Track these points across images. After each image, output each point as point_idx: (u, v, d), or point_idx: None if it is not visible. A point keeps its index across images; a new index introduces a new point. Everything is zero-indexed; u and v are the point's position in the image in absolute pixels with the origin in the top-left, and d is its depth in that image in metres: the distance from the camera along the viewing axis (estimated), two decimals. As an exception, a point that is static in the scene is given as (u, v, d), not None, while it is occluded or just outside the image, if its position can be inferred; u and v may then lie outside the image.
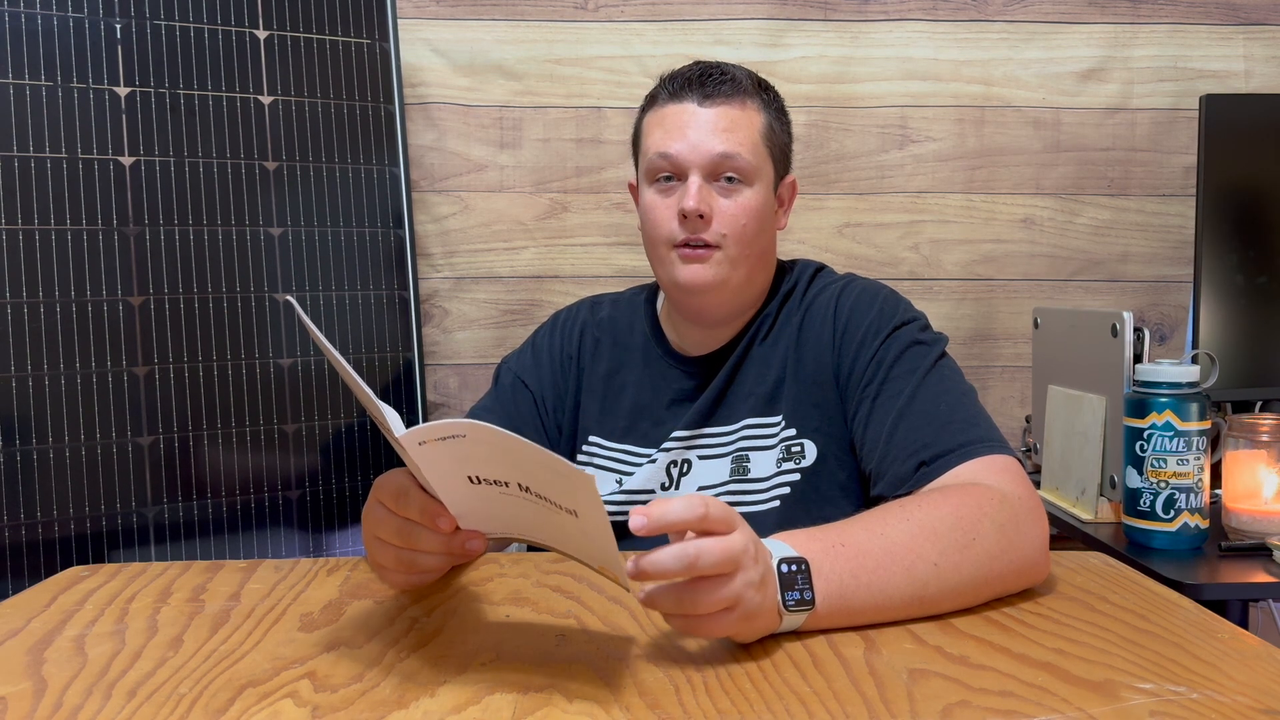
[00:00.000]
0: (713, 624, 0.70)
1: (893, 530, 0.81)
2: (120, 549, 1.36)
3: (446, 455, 0.69)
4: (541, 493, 0.69)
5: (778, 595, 0.72)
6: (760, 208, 1.09)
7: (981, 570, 0.81)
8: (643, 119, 1.14)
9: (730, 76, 1.09)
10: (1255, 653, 0.72)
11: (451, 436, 0.67)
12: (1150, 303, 1.87)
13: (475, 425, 0.66)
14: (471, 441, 0.67)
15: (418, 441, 0.68)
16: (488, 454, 0.68)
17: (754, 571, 0.70)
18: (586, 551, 0.74)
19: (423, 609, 0.85)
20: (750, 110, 1.09)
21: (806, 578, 0.74)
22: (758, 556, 0.71)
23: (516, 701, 0.65)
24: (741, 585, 0.69)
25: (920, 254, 1.85)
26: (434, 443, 0.68)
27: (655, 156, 1.09)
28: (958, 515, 0.83)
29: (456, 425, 0.67)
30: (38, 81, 1.34)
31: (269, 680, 0.69)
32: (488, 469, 0.70)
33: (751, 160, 1.08)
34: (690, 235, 1.07)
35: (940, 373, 1.03)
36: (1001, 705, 0.63)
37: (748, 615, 0.70)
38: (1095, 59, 1.83)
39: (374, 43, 1.56)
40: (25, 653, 0.75)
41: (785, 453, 1.09)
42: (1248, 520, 1.26)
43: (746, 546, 0.69)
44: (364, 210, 1.55)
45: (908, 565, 0.78)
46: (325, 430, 1.50)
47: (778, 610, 0.73)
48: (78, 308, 1.35)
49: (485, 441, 0.67)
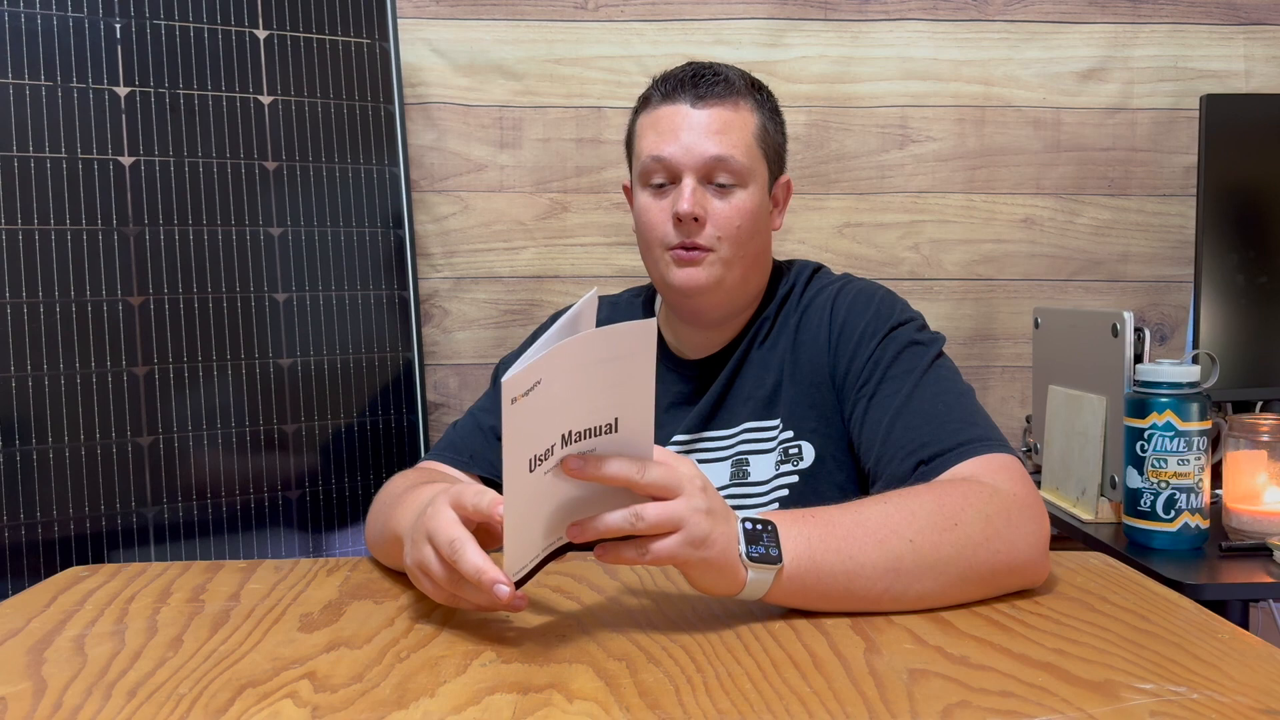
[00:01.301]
0: (660, 545, 0.73)
1: (867, 509, 0.83)
2: (120, 549, 1.36)
3: (524, 421, 0.68)
4: (585, 425, 0.71)
5: (739, 549, 0.75)
6: (755, 209, 1.09)
7: (963, 554, 0.82)
8: (635, 121, 1.14)
9: (723, 77, 1.09)
10: (1255, 653, 0.72)
11: (533, 386, 0.67)
12: (1150, 303, 1.87)
13: (546, 361, 0.67)
14: (546, 385, 0.68)
15: (510, 399, 0.67)
16: (555, 394, 0.68)
17: (700, 499, 0.74)
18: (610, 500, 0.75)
19: (423, 609, 0.85)
20: (744, 111, 1.09)
21: (773, 537, 0.77)
22: (706, 487, 0.75)
23: (516, 701, 0.65)
24: (686, 508, 0.73)
25: (920, 254, 1.85)
26: (521, 399, 0.67)
27: (648, 160, 1.08)
28: (940, 501, 0.84)
29: (534, 369, 0.67)
30: (38, 81, 1.34)
31: (269, 680, 0.69)
32: (543, 430, 0.70)
33: (745, 162, 1.07)
34: (685, 238, 1.06)
35: (938, 372, 1.03)
36: (1001, 705, 0.63)
37: (694, 542, 0.73)
38: (1095, 59, 1.83)
39: (374, 43, 1.56)
40: (25, 653, 0.75)
41: (783, 455, 1.09)
42: (1248, 520, 1.26)
43: (693, 477, 0.74)
44: (364, 210, 1.55)
45: (880, 538, 0.80)
46: (325, 430, 1.50)
47: (742, 564, 0.75)
48: (78, 308, 1.35)
49: (557, 372, 0.68)
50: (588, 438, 0.72)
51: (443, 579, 0.76)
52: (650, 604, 0.85)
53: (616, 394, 0.72)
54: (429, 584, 0.79)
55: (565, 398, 0.70)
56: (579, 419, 0.71)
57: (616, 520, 0.73)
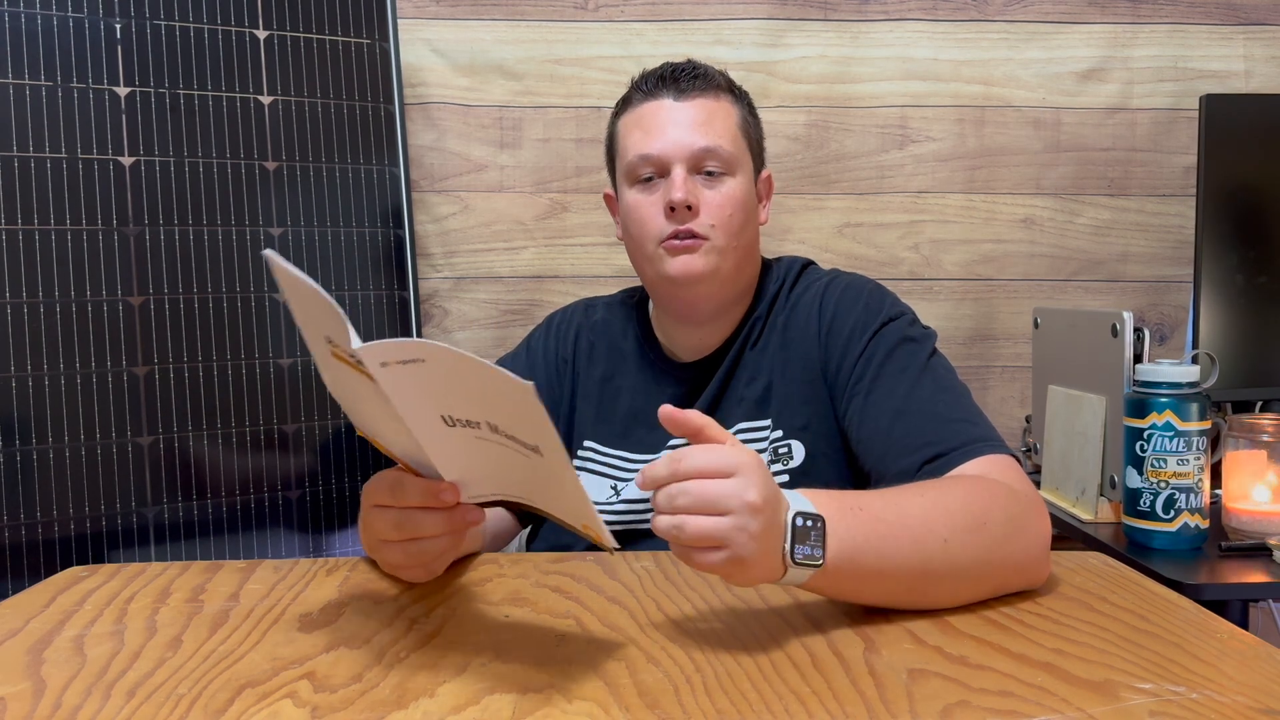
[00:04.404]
0: (702, 558, 0.70)
1: (908, 503, 0.81)
2: (120, 549, 1.36)
3: (412, 386, 0.67)
4: (510, 431, 0.68)
5: (784, 546, 0.72)
6: (744, 198, 1.10)
7: (986, 555, 0.81)
8: (616, 124, 1.14)
9: (703, 71, 1.11)
10: (1255, 653, 0.72)
11: (412, 360, 0.66)
12: (1150, 303, 1.87)
13: (429, 345, 0.64)
14: (430, 367, 0.66)
15: (379, 362, 0.66)
16: (451, 383, 0.67)
17: (751, 520, 0.69)
18: (563, 506, 0.73)
19: (422, 609, 0.85)
20: (725, 102, 1.11)
21: (821, 535, 0.73)
22: (761, 508, 0.70)
23: (516, 701, 0.65)
24: (732, 528, 0.69)
25: (920, 254, 1.85)
26: (395, 365, 0.66)
27: (636, 159, 1.09)
28: (970, 498, 0.83)
29: (415, 346, 0.65)
30: (38, 81, 1.34)
31: (268, 680, 0.69)
32: (458, 404, 0.68)
33: (732, 150, 1.08)
34: (679, 227, 1.07)
35: (934, 370, 1.03)
36: (1001, 705, 0.63)
37: (739, 560, 0.70)
38: (1095, 59, 1.83)
39: (374, 43, 1.56)
40: (24, 653, 0.75)
41: (774, 455, 1.09)
42: (1248, 520, 1.26)
43: (738, 494, 0.69)
44: (364, 210, 1.55)
45: (918, 537, 0.78)
46: (325, 430, 1.50)
47: (783, 561, 0.72)
48: (78, 308, 1.35)
49: (441, 363, 0.65)
50: (515, 442, 0.69)
51: (394, 528, 0.81)
52: (650, 604, 0.85)
53: (524, 428, 0.68)
54: (392, 552, 0.84)
55: (458, 389, 0.68)
56: (489, 412, 0.68)
57: (660, 525, 0.70)
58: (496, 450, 0.71)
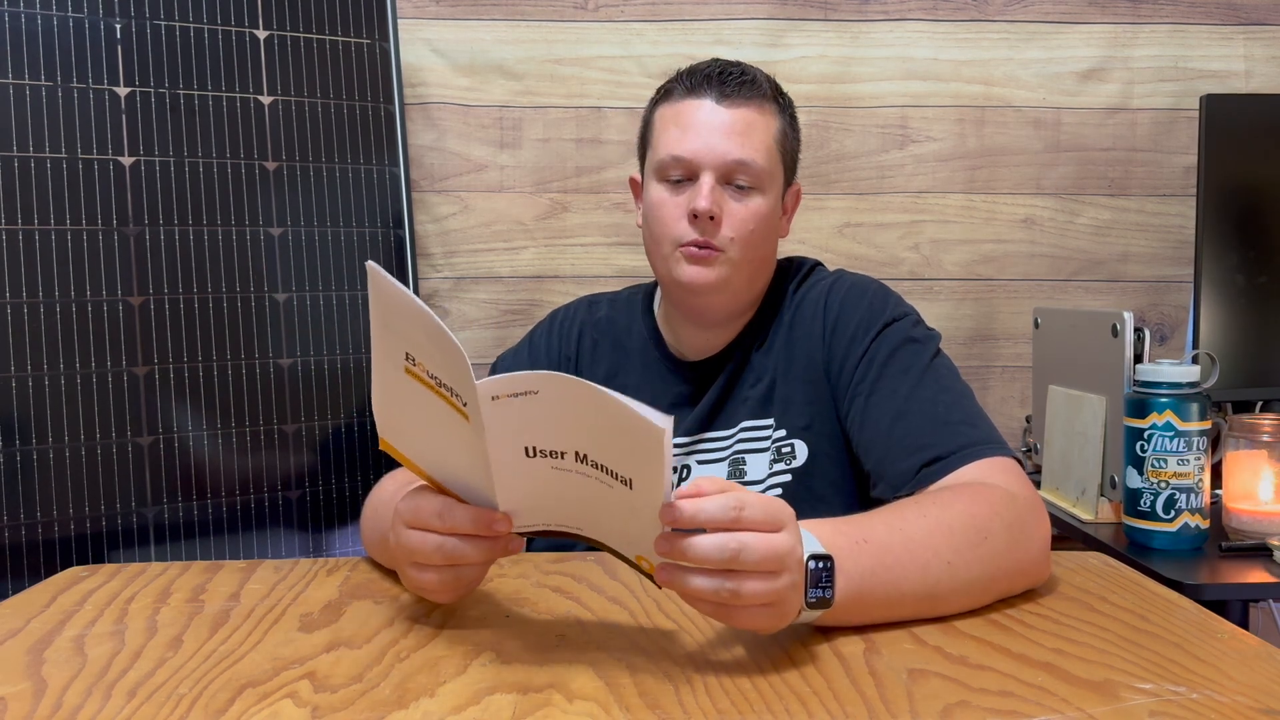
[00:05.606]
0: (748, 616, 0.68)
1: (911, 526, 0.80)
2: (120, 549, 1.36)
3: (515, 416, 0.66)
4: (600, 460, 0.67)
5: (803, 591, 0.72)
6: (768, 215, 1.08)
7: (989, 568, 0.81)
8: (654, 112, 1.12)
9: (751, 78, 1.08)
10: (1255, 653, 0.72)
11: (525, 393, 0.64)
12: (1150, 303, 1.87)
13: (550, 377, 0.63)
14: (544, 399, 0.64)
15: (490, 396, 0.64)
16: (557, 413, 0.65)
17: (798, 575, 0.69)
18: (626, 536, 0.72)
19: (423, 609, 0.85)
20: (768, 114, 1.08)
21: (830, 575, 0.72)
22: (803, 561, 0.70)
23: (516, 701, 0.65)
24: (787, 586, 0.68)
25: (920, 254, 1.85)
26: (506, 399, 0.64)
27: (668, 158, 1.07)
28: (971, 513, 0.83)
29: (530, 379, 0.64)
30: (38, 81, 1.34)
31: (268, 680, 0.69)
32: (550, 435, 0.67)
33: (765, 166, 1.06)
34: (699, 236, 1.05)
35: (937, 371, 1.03)
36: (1001, 705, 0.63)
37: (782, 616, 0.70)
38: (1095, 59, 1.83)
39: (374, 43, 1.56)
40: (25, 653, 0.75)
41: (776, 454, 1.09)
42: (1248, 520, 1.26)
43: (793, 549, 0.68)
44: (364, 210, 1.54)
45: (924, 563, 0.78)
46: (325, 430, 1.50)
47: (799, 608, 0.72)
48: (78, 308, 1.35)
49: (558, 397, 0.64)
50: (602, 473, 0.68)
51: (437, 553, 0.75)
52: (650, 604, 0.85)
53: (626, 463, 0.67)
54: (426, 576, 0.77)
55: (564, 419, 0.67)
56: (584, 443, 0.68)
57: (706, 588, 0.67)
58: (573, 480, 0.70)
